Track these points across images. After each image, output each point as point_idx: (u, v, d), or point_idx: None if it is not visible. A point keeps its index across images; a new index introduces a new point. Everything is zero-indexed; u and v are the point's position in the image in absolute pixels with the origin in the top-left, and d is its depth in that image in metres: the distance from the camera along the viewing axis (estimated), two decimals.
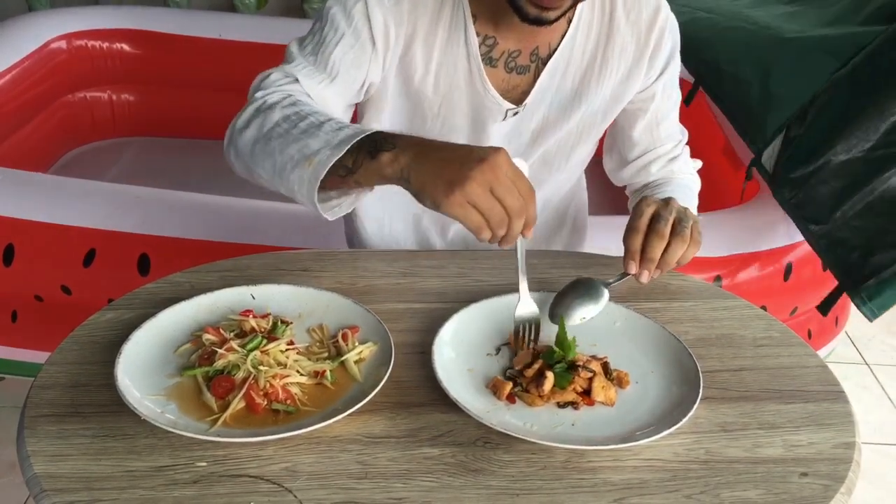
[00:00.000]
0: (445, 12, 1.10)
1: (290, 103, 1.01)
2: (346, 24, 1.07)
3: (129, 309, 1.00)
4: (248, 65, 2.82)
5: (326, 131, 0.93)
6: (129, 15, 2.90)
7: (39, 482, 0.75)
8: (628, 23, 1.15)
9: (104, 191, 1.96)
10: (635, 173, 1.31)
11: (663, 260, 1.05)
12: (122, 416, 0.82)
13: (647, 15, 1.16)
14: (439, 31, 1.11)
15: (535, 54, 1.14)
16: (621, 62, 1.17)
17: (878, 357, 2.47)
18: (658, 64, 1.19)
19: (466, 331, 0.98)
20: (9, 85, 2.52)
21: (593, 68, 1.17)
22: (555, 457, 0.81)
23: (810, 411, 0.89)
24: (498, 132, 1.19)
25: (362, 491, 0.76)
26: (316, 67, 1.09)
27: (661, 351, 0.96)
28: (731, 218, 1.93)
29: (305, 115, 0.98)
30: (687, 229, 1.05)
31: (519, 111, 1.17)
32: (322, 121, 0.96)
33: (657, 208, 1.07)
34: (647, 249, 1.05)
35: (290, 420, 0.84)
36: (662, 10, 1.17)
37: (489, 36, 1.12)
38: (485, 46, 1.12)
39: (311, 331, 0.98)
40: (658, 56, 1.19)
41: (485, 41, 1.12)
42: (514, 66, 1.14)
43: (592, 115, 1.21)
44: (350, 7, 1.07)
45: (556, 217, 1.36)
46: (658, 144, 1.28)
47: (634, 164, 1.30)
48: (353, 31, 1.07)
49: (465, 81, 1.14)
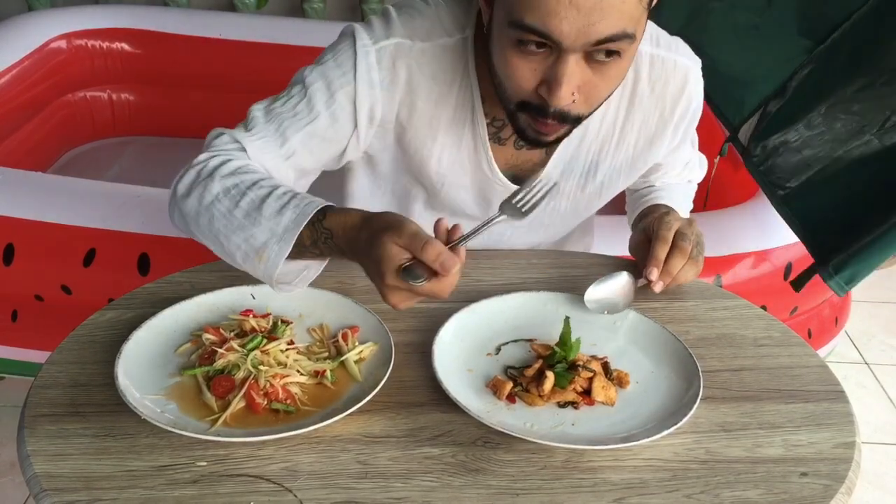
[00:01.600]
0: (454, 93, 1.05)
1: (230, 171, 0.97)
2: (323, 106, 1.01)
3: (129, 309, 1.00)
4: (248, 64, 2.86)
5: (268, 216, 0.90)
6: (129, 15, 2.90)
7: (39, 482, 0.75)
8: (653, 95, 1.10)
9: (104, 191, 1.96)
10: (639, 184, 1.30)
11: (675, 276, 1.06)
12: (122, 415, 0.82)
13: (673, 87, 1.10)
14: (445, 111, 1.06)
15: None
16: (641, 134, 1.13)
17: (878, 357, 2.47)
18: (682, 128, 1.15)
19: (466, 331, 0.98)
20: (9, 85, 2.52)
21: (611, 141, 1.12)
22: (555, 456, 0.81)
23: (810, 411, 0.89)
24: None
25: (362, 491, 0.76)
26: (274, 140, 1.02)
27: (661, 351, 0.96)
28: (731, 218, 1.93)
29: (244, 191, 0.93)
30: (701, 256, 1.08)
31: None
32: (263, 196, 0.92)
33: (682, 226, 1.08)
34: (668, 262, 1.05)
35: (290, 420, 0.84)
36: (690, 79, 1.11)
37: (497, 118, 1.07)
38: (493, 127, 1.07)
39: (311, 330, 0.98)
40: (682, 124, 1.14)
41: (493, 122, 1.07)
42: (523, 144, 1.08)
43: (609, 180, 1.17)
44: (335, 89, 1.01)
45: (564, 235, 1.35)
46: (671, 170, 1.27)
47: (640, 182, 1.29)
48: (330, 114, 1.02)
49: (471, 162, 1.10)
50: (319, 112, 1.02)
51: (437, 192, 1.14)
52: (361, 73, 1.01)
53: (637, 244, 1.15)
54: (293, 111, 1.02)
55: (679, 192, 1.29)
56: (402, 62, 1.02)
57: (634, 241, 1.16)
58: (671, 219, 1.09)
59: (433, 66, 1.03)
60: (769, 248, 1.88)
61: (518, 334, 0.99)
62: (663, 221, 1.09)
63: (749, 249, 1.86)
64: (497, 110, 1.06)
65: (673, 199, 1.25)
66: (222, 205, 0.94)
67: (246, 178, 0.95)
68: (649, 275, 1.05)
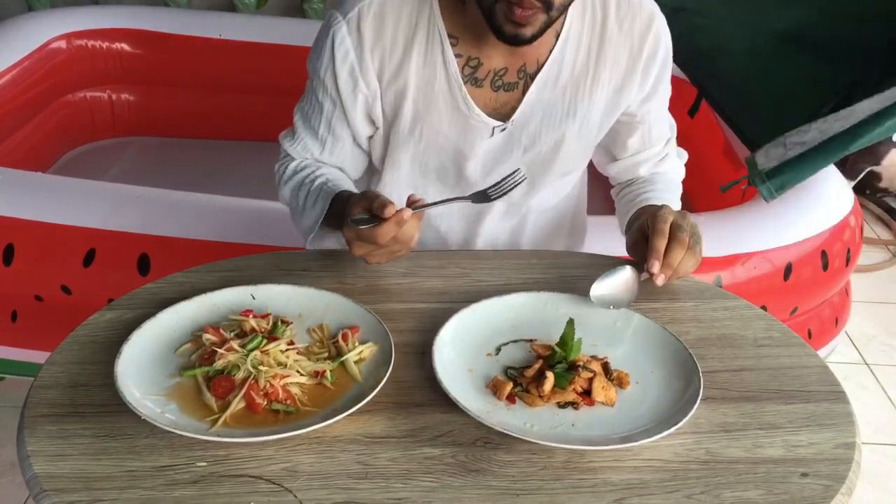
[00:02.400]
0: (420, 36, 1.12)
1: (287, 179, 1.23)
2: (322, 93, 1.17)
3: (129, 309, 1.00)
4: (248, 65, 2.86)
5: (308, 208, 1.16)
6: (129, 15, 2.90)
7: (39, 482, 0.75)
8: (621, 32, 1.15)
9: (104, 191, 1.96)
10: (623, 171, 1.32)
11: (676, 268, 1.06)
12: (122, 416, 0.82)
13: (640, 24, 1.15)
14: (415, 56, 1.13)
15: (522, 71, 1.14)
16: (614, 73, 1.17)
17: (878, 357, 2.47)
18: (652, 73, 1.19)
19: (466, 331, 0.98)
20: (9, 85, 2.52)
21: (585, 81, 1.16)
22: (555, 457, 0.81)
23: (811, 412, 0.89)
24: (487, 148, 1.19)
25: (362, 491, 0.76)
26: (310, 138, 1.23)
27: (661, 351, 0.96)
28: (731, 218, 1.93)
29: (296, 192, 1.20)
30: (698, 246, 1.08)
31: (507, 127, 1.17)
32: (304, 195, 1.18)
33: (676, 218, 1.09)
34: (667, 255, 1.05)
35: (290, 420, 0.84)
36: (656, 19, 1.17)
37: (473, 57, 1.13)
38: (469, 68, 1.13)
39: (311, 331, 0.98)
40: (652, 66, 1.18)
41: (468, 62, 1.13)
42: (501, 84, 1.15)
43: (587, 128, 1.20)
44: (322, 74, 1.15)
45: (556, 218, 1.36)
46: (649, 146, 1.29)
47: (623, 162, 1.31)
48: (328, 98, 1.17)
49: (446, 103, 1.15)
50: (321, 100, 1.18)
51: (419, 142, 1.19)
52: (337, 48, 1.13)
53: (634, 243, 1.15)
54: (310, 107, 1.21)
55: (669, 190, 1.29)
56: (367, 22, 1.11)
57: (631, 240, 1.17)
58: (665, 212, 1.10)
59: (394, 13, 1.11)
60: (769, 248, 1.88)
61: (518, 334, 0.99)
62: (657, 216, 1.09)
63: (749, 249, 1.86)
64: (470, 49, 1.13)
65: (663, 198, 1.25)
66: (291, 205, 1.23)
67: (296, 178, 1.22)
68: (651, 268, 1.05)
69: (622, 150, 1.29)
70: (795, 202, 1.95)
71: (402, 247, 1.02)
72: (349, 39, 1.12)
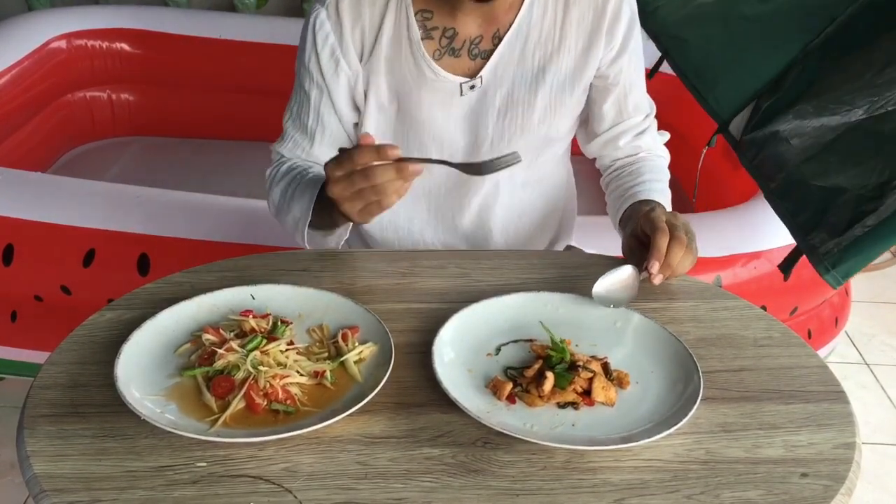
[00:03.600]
0: (390, 13, 1.17)
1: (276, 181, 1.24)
2: (309, 83, 1.22)
3: (128, 309, 1.00)
4: (248, 65, 2.86)
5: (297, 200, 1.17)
6: (129, 15, 2.89)
7: (39, 482, 0.75)
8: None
9: (104, 191, 1.96)
10: (603, 146, 1.33)
11: (674, 267, 1.06)
12: (122, 416, 0.82)
13: None
14: (385, 31, 1.17)
15: (496, 36, 1.19)
16: (580, 33, 1.21)
17: (878, 357, 2.47)
18: (618, 33, 1.22)
19: (466, 331, 0.98)
20: (9, 85, 2.52)
21: (553, 40, 1.20)
22: (555, 457, 0.81)
23: (810, 412, 0.89)
24: (462, 108, 1.22)
25: (362, 491, 0.76)
26: (300, 134, 1.26)
27: (661, 351, 0.96)
28: (731, 218, 1.93)
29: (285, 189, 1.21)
30: (693, 244, 1.09)
31: (475, 84, 1.20)
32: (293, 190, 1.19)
33: (670, 217, 1.10)
34: (667, 254, 1.05)
35: (289, 420, 0.84)
36: None
37: (448, 28, 1.17)
38: (445, 38, 1.18)
39: (311, 331, 0.98)
40: (617, 26, 1.21)
41: (444, 33, 1.18)
42: (478, 52, 1.19)
43: (560, 88, 1.23)
44: (307, 62, 1.20)
45: (536, 207, 1.35)
46: (626, 118, 1.30)
47: (603, 136, 1.31)
48: (315, 85, 1.21)
49: (412, 72, 1.19)
50: (309, 90, 1.22)
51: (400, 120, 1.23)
52: (318, 32, 1.17)
53: (630, 249, 1.15)
54: (298, 103, 1.24)
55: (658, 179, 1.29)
56: (345, 3, 1.16)
57: (627, 247, 1.16)
58: (660, 212, 1.11)
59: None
60: (769, 249, 1.88)
61: (518, 335, 0.99)
62: (653, 217, 1.09)
63: (749, 249, 1.86)
64: (445, 20, 1.17)
65: (653, 189, 1.26)
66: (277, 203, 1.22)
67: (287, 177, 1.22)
68: (651, 267, 1.05)
69: (599, 122, 1.30)
70: None
71: (379, 196, 0.97)
72: (328, 23, 1.17)
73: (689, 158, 1.39)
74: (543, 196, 1.36)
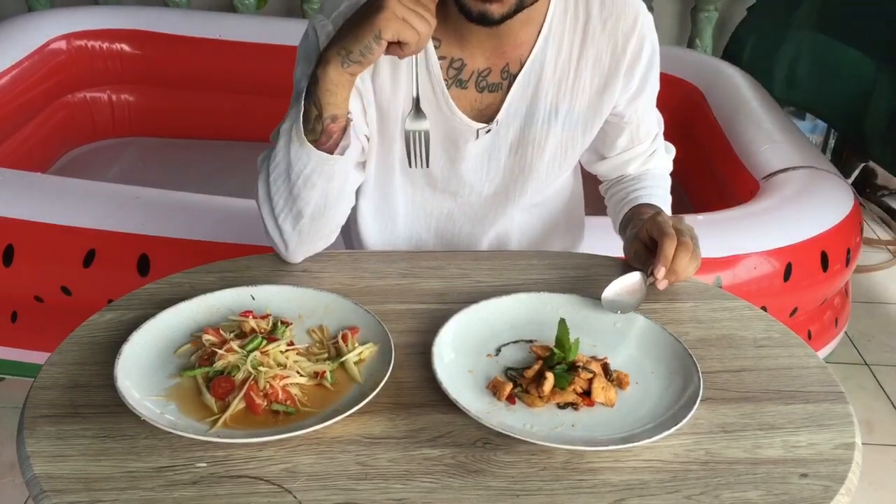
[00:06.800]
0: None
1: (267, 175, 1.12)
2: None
3: (128, 309, 1.00)
4: (248, 65, 2.86)
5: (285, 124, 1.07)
6: (129, 15, 2.89)
7: (39, 483, 0.75)
8: (604, 32, 1.13)
9: (104, 191, 1.96)
10: (612, 169, 1.32)
11: (679, 273, 1.06)
12: (122, 416, 0.82)
13: (624, 24, 1.13)
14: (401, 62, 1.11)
15: (505, 71, 1.14)
16: (596, 73, 1.16)
17: (878, 357, 2.47)
18: (637, 74, 1.17)
19: (466, 332, 0.98)
20: (9, 85, 2.51)
21: (567, 80, 1.15)
22: (555, 458, 0.81)
23: (810, 412, 0.89)
24: (474, 150, 1.18)
25: (362, 492, 0.76)
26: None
27: (661, 352, 0.96)
28: (731, 218, 1.93)
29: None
30: (697, 249, 1.08)
31: (491, 128, 1.16)
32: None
33: (674, 222, 1.09)
34: (673, 259, 1.05)
35: (289, 421, 0.84)
36: (640, 17, 1.15)
37: (456, 59, 1.12)
38: (453, 69, 1.12)
39: (310, 332, 0.98)
40: (636, 66, 1.17)
41: (452, 64, 1.12)
42: (486, 84, 1.14)
43: (572, 128, 1.19)
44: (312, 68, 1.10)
45: (551, 219, 1.35)
46: (637, 143, 1.28)
47: (612, 160, 1.30)
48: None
49: (431, 106, 1.13)
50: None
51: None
52: (320, 37, 1.10)
53: (635, 253, 1.14)
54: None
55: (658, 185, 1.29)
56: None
57: (632, 251, 1.15)
58: (664, 217, 1.10)
59: None
60: (769, 249, 1.88)
61: (518, 335, 0.99)
62: (657, 221, 1.09)
63: (749, 250, 1.86)
64: (453, 50, 1.11)
65: (654, 195, 1.26)
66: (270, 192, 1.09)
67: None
68: (657, 272, 1.05)
69: (610, 150, 1.29)
70: (795, 202, 1.95)
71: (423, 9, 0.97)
72: (331, 26, 1.09)
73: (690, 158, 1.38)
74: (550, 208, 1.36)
